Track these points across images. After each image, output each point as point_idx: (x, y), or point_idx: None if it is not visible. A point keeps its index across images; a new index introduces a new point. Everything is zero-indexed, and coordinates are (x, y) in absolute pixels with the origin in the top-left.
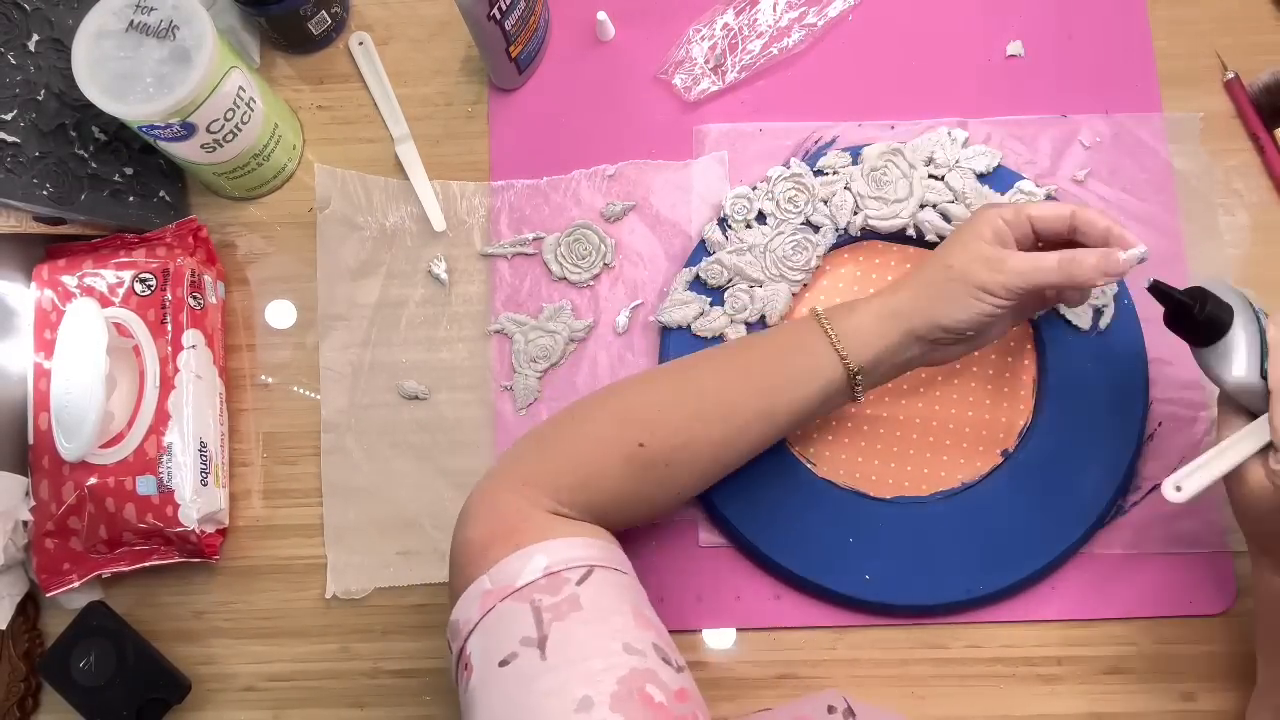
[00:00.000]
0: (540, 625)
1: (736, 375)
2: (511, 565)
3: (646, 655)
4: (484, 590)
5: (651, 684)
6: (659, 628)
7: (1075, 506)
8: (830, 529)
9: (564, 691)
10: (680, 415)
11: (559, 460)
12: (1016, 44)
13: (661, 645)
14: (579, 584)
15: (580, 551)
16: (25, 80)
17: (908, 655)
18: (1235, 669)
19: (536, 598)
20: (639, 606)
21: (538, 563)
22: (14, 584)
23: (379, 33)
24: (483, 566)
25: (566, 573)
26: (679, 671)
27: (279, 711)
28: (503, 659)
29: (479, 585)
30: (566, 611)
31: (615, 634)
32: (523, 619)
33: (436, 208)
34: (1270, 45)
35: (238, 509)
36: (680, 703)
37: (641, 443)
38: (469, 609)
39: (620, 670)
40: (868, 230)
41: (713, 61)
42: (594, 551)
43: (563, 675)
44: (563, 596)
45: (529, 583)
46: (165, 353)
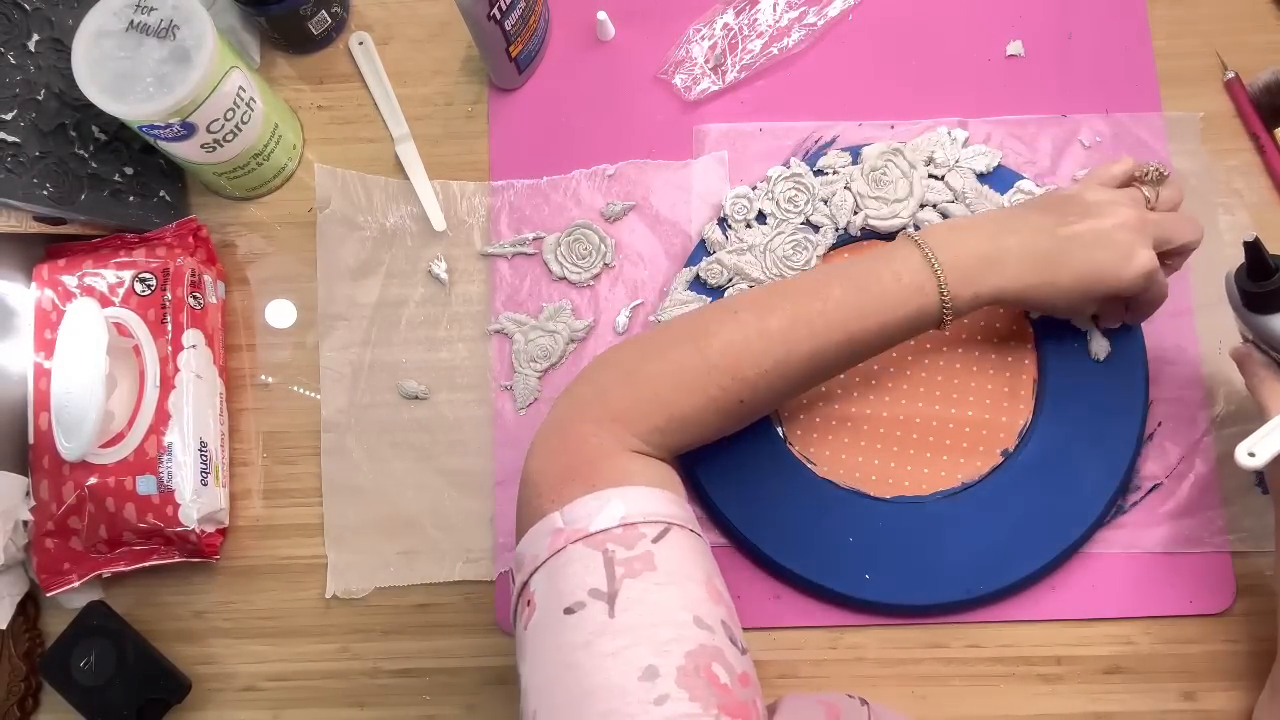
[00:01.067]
0: (612, 579)
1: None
2: (586, 506)
3: (715, 632)
4: (555, 528)
5: (718, 663)
6: (729, 604)
7: (1075, 506)
8: (830, 529)
9: (629, 656)
10: (783, 370)
11: (652, 402)
12: (1016, 44)
13: (729, 623)
14: (655, 541)
15: (659, 506)
16: (25, 80)
17: (908, 655)
18: (1235, 668)
19: (610, 547)
20: (711, 576)
21: (614, 509)
22: (14, 584)
23: (379, 33)
24: (556, 502)
25: (644, 527)
26: (743, 654)
27: (279, 711)
28: (568, 606)
29: (550, 521)
30: (640, 570)
31: (687, 604)
32: (594, 567)
33: (436, 208)
34: (1270, 45)
35: (238, 509)
36: (744, 687)
37: (743, 399)
38: (537, 544)
39: (689, 644)
40: (868, 230)
41: (713, 61)
42: (672, 508)
43: (629, 639)
44: (637, 552)
45: (604, 530)
46: (165, 352)
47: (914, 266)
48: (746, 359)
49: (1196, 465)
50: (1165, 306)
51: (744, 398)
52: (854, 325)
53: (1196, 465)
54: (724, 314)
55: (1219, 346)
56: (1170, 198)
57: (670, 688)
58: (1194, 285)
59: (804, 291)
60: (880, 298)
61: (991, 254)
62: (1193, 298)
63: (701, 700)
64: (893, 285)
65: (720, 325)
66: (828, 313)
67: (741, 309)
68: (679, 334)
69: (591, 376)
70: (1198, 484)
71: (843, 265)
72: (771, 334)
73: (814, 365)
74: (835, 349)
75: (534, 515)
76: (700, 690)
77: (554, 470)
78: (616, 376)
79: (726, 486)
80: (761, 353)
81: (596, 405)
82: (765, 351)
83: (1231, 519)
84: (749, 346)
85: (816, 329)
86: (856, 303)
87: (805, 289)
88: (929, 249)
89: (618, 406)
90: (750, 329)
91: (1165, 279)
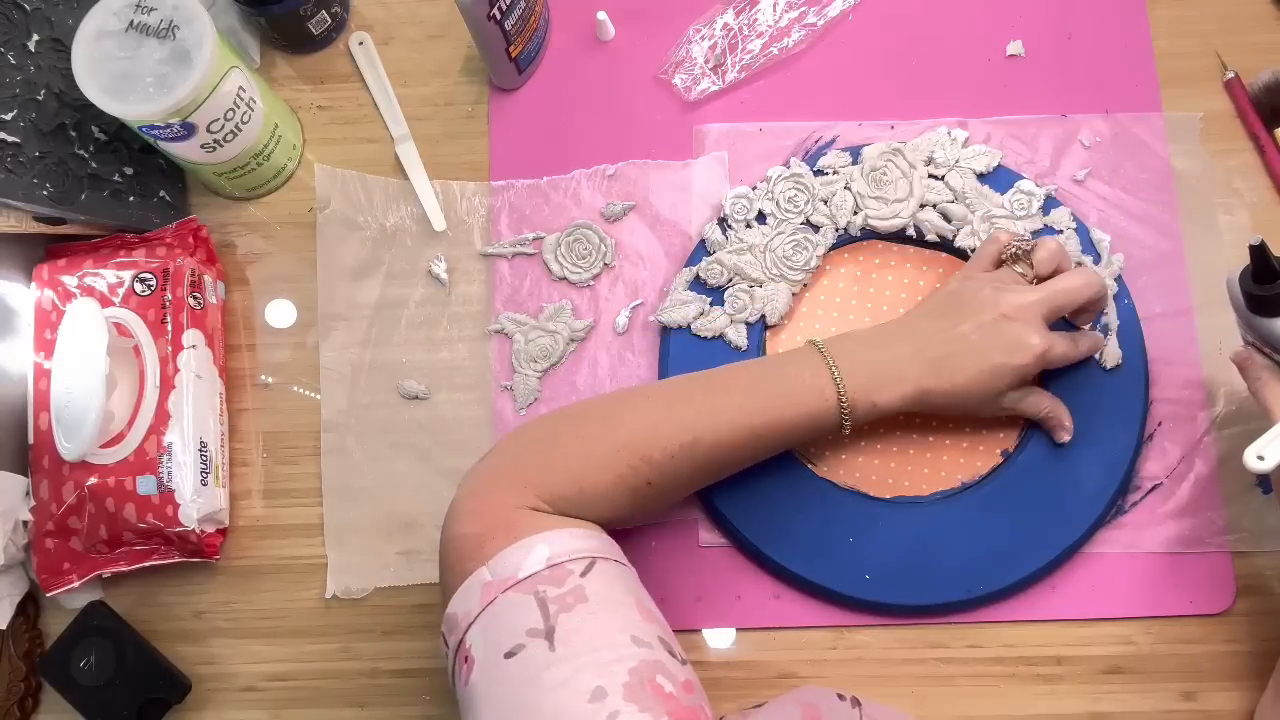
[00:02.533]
0: (547, 617)
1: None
2: (512, 556)
3: (654, 647)
4: (484, 581)
5: (661, 675)
6: (662, 621)
7: (1075, 506)
8: (830, 529)
9: (575, 683)
10: (689, 455)
11: (562, 475)
12: (1016, 44)
13: (666, 638)
14: (583, 575)
15: (581, 543)
16: (25, 80)
17: (907, 655)
18: (1235, 668)
19: (541, 589)
20: (642, 599)
21: (539, 553)
22: (14, 584)
23: (379, 33)
24: (481, 559)
25: (570, 564)
26: (683, 664)
27: (279, 711)
28: (509, 650)
29: (478, 577)
30: (573, 603)
31: (623, 626)
32: (528, 610)
33: (436, 208)
34: (1270, 45)
35: (238, 509)
36: (688, 694)
37: (650, 481)
38: (468, 601)
39: (630, 661)
40: (868, 230)
41: (713, 61)
42: (594, 543)
43: (572, 666)
44: (568, 588)
45: (532, 574)
46: (165, 352)
47: (816, 371)
48: (653, 442)
49: (1196, 465)
50: (1165, 307)
51: (651, 480)
52: (757, 420)
53: (1196, 465)
54: (636, 398)
55: (1219, 347)
56: (1045, 260)
57: (619, 704)
58: (1194, 286)
59: (713, 383)
60: (784, 397)
61: (885, 363)
62: (1193, 298)
63: (651, 710)
64: (796, 387)
65: (631, 408)
66: (733, 406)
67: (653, 395)
68: (592, 413)
69: (506, 449)
70: (1198, 484)
71: (752, 363)
72: (678, 420)
73: (718, 454)
74: (738, 441)
75: (460, 576)
76: (648, 701)
77: (474, 533)
78: (531, 448)
79: (726, 486)
80: (668, 437)
81: (511, 473)
82: (672, 436)
83: (1231, 519)
84: (656, 430)
85: (720, 421)
86: (761, 400)
87: (715, 382)
88: (830, 357)
89: (531, 476)
90: (659, 414)
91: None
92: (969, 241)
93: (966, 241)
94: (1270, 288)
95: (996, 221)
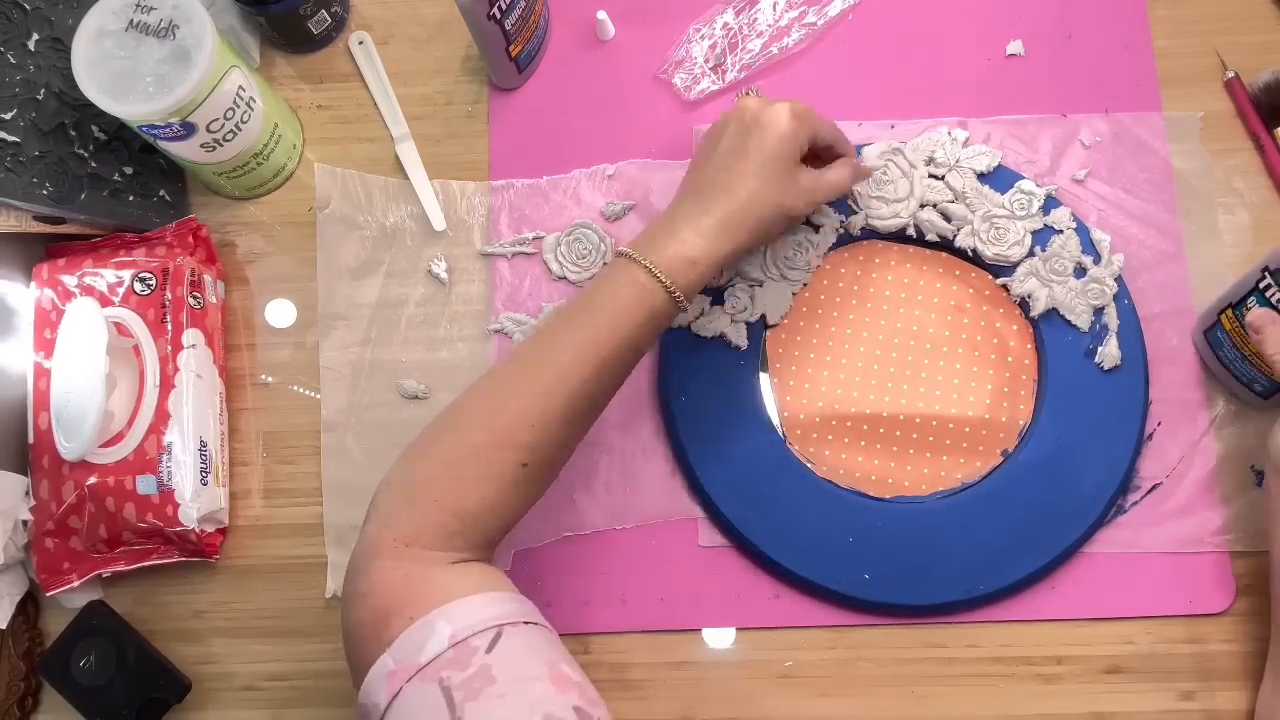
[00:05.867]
0: (453, 708)
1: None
2: (414, 638)
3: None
4: (388, 671)
5: None
6: (579, 683)
7: (1075, 506)
8: (830, 529)
9: None
10: (548, 419)
11: (435, 511)
12: (1016, 44)
13: (583, 705)
14: (489, 652)
15: (484, 612)
16: (25, 80)
17: (907, 655)
18: (1235, 668)
19: (445, 675)
20: (555, 663)
21: (441, 633)
22: (14, 583)
23: (379, 32)
24: (382, 645)
25: (474, 640)
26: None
27: (279, 711)
28: None
29: (382, 665)
30: (480, 688)
31: (534, 706)
32: (434, 702)
33: (436, 207)
34: (1270, 45)
35: (238, 508)
36: None
37: (524, 462)
38: (376, 693)
39: None
40: (868, 230)
41: (712, 61)
42: (499, 609)
43: None
44: (473, 670)
45: (435, 657)
46: (165, 352)
47: (621, 267)
48: (506, 422)
49: (1196, 465)
50: (1165, 307)
51: (524, 460)
52: (591, 349)
53: (1196, 465)
54: (473, 392)
55: None
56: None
57: None
58: (1194, 286)
59: (542, 341)
60: (606, 308)
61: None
62: (1193, 298)
63: None
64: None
65: (471, 402)
66: (565, 347)
67: (486, 378)
68: (439, 429)
69: (376, 506)
70: (1198, 484)
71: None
72: (521, 390)
73: (574, 402)
74: (588, 375)
75: (365, 664)
76: None
77: (369, 616)
78: (396, 498)
79: (726, 486)
80: (519, 410)
81: (386, 537)
82: (523, 408)
83: (1231, 519)
84: (503, 409)
85: (563, 367)
86: (590, 327)
87: (541, 339)
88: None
89: (405, 531)
90: (498, 394)
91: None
92: (969, 241)
93: (967, 241)
94: None
95: (997, 221)
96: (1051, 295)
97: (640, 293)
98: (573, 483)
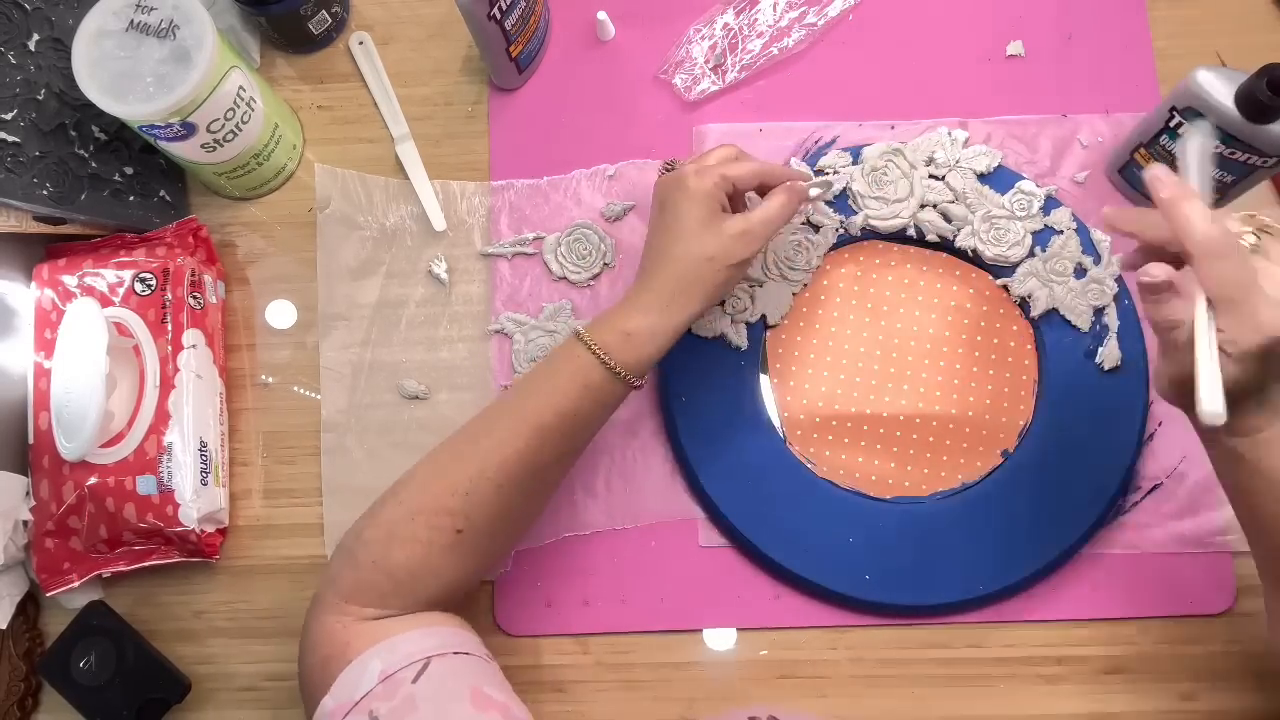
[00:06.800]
0: None
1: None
2: (350, 676)
3: None
4: (328, 711)
5: None
6: (502, 703)
7: (1075, 506)
8: (830, 529)
9: None
10: (487, 486)
11: (372, 571)
12: (1016, 44)
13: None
14: (414, 681)
15: (416, 645)
16: (25, 80)
17: (908, 655)
18: (1235, 668)
19: (374, 707)
20: (479, 687)
21: (373, 670)
22: (14, 584)
23: (379, 33)
24: (324, 688)
25: (402, 673)
26: None
27: (279, 711)
28: None
29: (323, 708)
30: (403, 715)
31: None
32: None
33: (436, 208)
34: (1270, 45)
35: (238, 509)
36: None
37: (459, 529)
38: None
39: None
40: (868, 230)
41: (713, 61)
42: (431, 641)
43: None
44: (398, 700)
45: (366, 693)
46: (165, 352)
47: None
48: (442, 490)
49: (1196, 465)
50: None
51: (460, 526)
52: (534, 418)
53: (1196, 465)
54: (423, 460)
55: None
56: None
57: None
58: None
59: (489, 412)
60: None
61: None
62: None
63: None
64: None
65: (417, 469)
66: (507, 416)
67: (438, 447)
68: (387, 494)
69: (330, 564)
70: (1198, 484)
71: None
72: (460, 457)
73: (507, 470)
74: (529, 447)
75: (312, 707)
76: None
77: (316, 664)
78: (341, 559)
79: (727, 486)
80: (455, 476)
81: (330, 595)
82: (459, 475)
83: (1231, 519)
84: (442, 476)
85: (502, 435)
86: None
87: (489, 410)
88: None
89: (345, 589)
90: (440, 460)
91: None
92: (969, 242)
93: (967, 242)
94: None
95: (997, 222)
96: (1051, 296)
97: (578, 366)
98: (573, 483)
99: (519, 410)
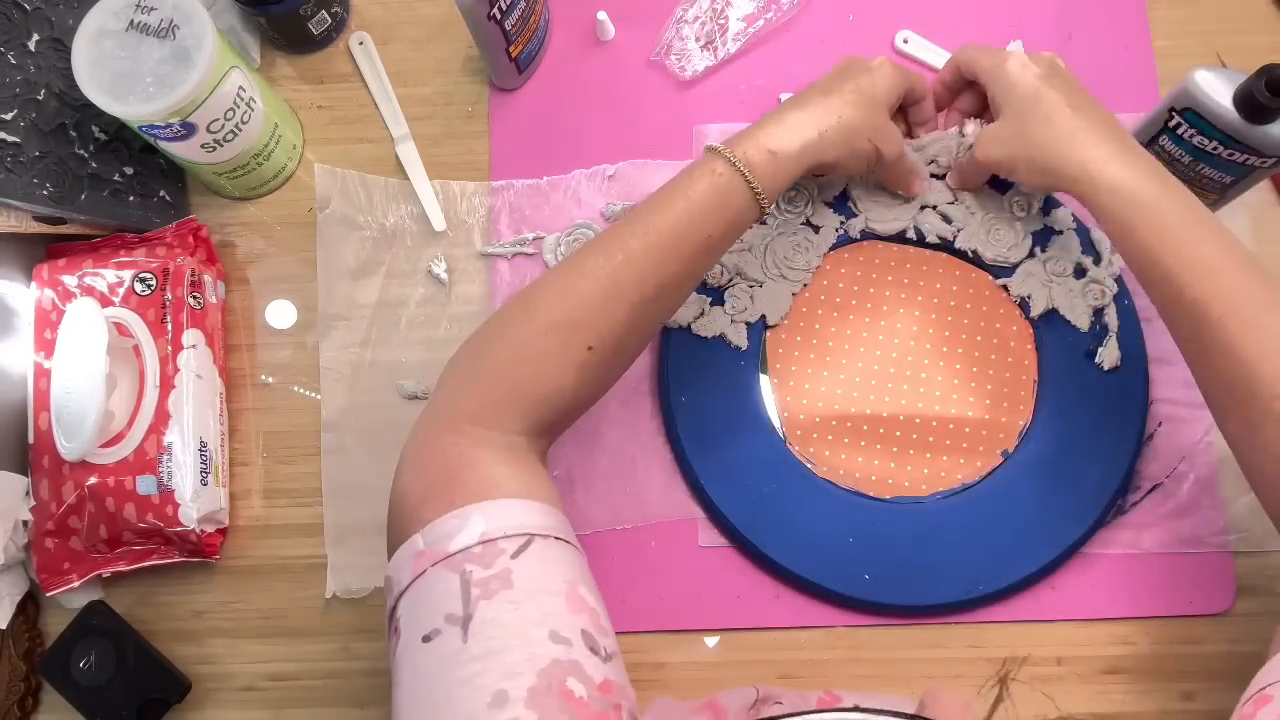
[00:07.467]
0: (467, 602)
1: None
2: (447, 525)
3: (572, 644)
4: (417, 550)
5: (573, 677)
6: (593, 609)
7: (1075, 506)
8: (830, 529)
9: (480, 682)
10: (619, 303)
11: (501, 388)
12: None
13: (591, 631)
14: (514, 556)
15: (522, 518)
16: (25, 80)
17: (908, 655)
18: (1235, 668)
19: (468, 568)
20: (575, 584)
21: (474, 526)
22: (14, 584)
23: (379, 33)
24: (418, 522)
25: (503, 542)
26: (606, 660)
27: (279, 711)
28: (426, 634)
29: (412, 544)
30: (496, 589)
31: (543, 619)
32: (451, 590)
33: (436, 208)
34: (1270, 45)
35: (238, 509)
36: (604, 695)
37: (590, 346)
38: (401, 569)
39: (541, 662)
40: (868, 232)
41: (703, 39)
42: (536, 519)
43: (481, 665)
44: (495, 570)
45: (463, 549)
46: (165, 352)
47: (707, 158)
48: (576, 304)
49: (1196, 465)
50: None
51: (590, 344)
52: (669, 234)
53: (1196, 465)
54: (546, 275)
55: None
56: None
57: (520, 711)
58: None
59: (619, 227)
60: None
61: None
62: None
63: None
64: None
65: (543, 284)
66: (640, 231)
67: (562, 264)
68: (510, 309)
69: (444, 381)
70: (1198, 484)
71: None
72: (593, 271)
73: (643, 289)
74: (661, 262)
75: (400, 538)
76: (551, 709)
77: (417, 489)
78: (463, 374)
79: (726, 486)
80: (588, 292)
81: (451, 411)
82: (591, 290)
83: (1231, 519)
84: (574, 291)
85: (633, 253)
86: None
87: (615, 227)
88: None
89: (470, 406)
90: (571, 275)
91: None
92: (969, 243)
93: (967, 243)
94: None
95: (997, 223)
96: (1051, 296)
97: (716, 180)
98: (573, 483)
99: (651, 226)
